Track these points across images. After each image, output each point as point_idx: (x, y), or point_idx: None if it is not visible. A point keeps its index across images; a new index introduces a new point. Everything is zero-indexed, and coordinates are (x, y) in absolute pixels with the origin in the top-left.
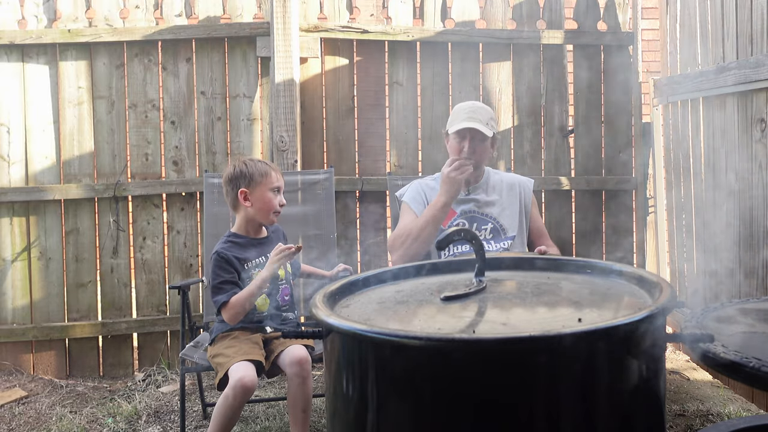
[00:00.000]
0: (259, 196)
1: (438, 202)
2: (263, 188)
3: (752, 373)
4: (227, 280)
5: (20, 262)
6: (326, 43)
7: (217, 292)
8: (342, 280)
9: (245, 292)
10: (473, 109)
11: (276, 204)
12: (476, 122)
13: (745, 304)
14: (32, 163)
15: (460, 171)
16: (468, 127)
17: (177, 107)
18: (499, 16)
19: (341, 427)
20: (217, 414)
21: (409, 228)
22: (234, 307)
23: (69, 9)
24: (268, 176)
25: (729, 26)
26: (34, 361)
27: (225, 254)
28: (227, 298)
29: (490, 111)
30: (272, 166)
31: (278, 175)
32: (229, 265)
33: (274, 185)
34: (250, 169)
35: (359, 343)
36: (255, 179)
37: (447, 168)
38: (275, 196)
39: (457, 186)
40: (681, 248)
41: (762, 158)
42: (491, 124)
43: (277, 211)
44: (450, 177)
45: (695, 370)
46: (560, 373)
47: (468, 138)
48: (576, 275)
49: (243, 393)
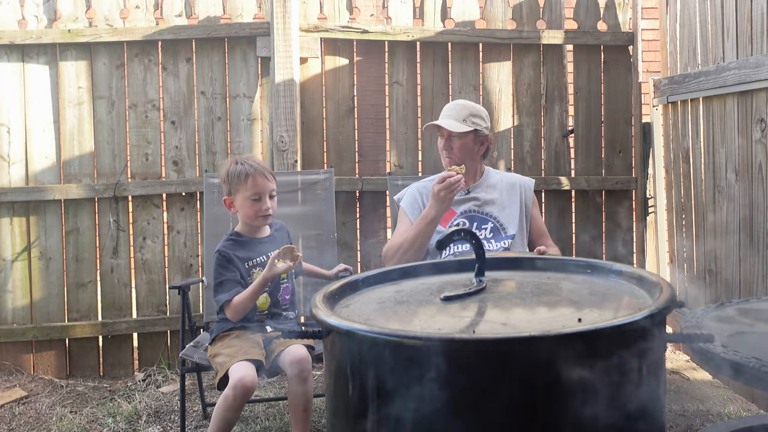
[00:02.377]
0: (240, 203)
1: (428, 216)
2: (241, 196)
3: (752, 373)
4: (229, 279)
5: (20, 262)
6: (326, 43)
7: (220, 290)
8: (342, 280)
9: (248, 292)
10: (452, 107)
11: (254, 212)
12: (447, 119)
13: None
14: (32, 163)
15: (449, 190)
16: (433, 123)
17: (177, 107)
18: (499, 16)
19: (341, 427)
20: (218, 414)
21: (401, 240)
22: (236, 306)
23: (69, 9)
24: (244, 184)
25: (729, 26)
26: (34, 361)
27: (226, 253)
28: (230, 297)
29: (473, 107)
30: (257, 169)
31: (261, 179)
32: (231, 263)
33: (251, 192)
34: (230, 177)
35: (359, 343)
36: (233, 187)
37: (437, 185)
38: (254, 203)
39: (447, 204)
40: (681, 248)
41: (762, 158)
42: (472, 120)
43: (263, 216)
44: (440, 196)
45: (695, 370)
46: (560, 373)
47: (444, 137)
48: (576, 275)
49: (243, 393)
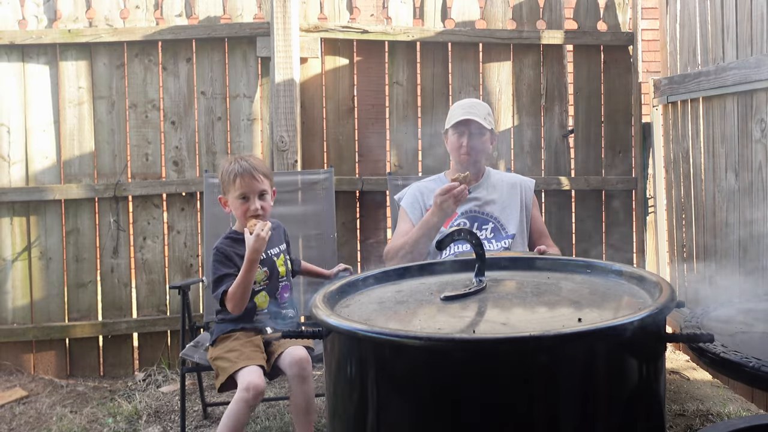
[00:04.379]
0: (231, 203)
1: (429, 222)
2: (231, 196)
3: (752, 373)
4: (227, 274)
5: (21, 262)
6: (326, 43)
7: (218, 285)
8: (342, 280)
9: (238, 278)
10: (471, 104)
11: (243, 211)
12: (474, 116)
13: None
14: (32, 163)
15: (453, 201)
16: (466, 119)
17: (177, 107)
18: (499, 16)
19: (341, 427)
20: (229, 419)
21: (402, 242)
22: (233, 295)
23: (69, 9)
24: (233, 184)
25: (729, 26)
26: (35, 361)
27: (224, 249)
28: (226, 288)
29: (487, 107)
30: (246, 169)
31: (248, 179)
32: (229, 260)
33: (238, 192)
34: (223, 176)
35: (359, 343)
36: (225, 186)
37: (440, 196)
38: (244, 203)
39: (449, 213)
40: (681, 248)
41: (762, 158)
42: (489, 119)
43: (253, 216)
44: (442, 207)
45: (695, 370)
46: (560, 372)
47: (467, 133)
48: (576, 275)
49: (255, 398)
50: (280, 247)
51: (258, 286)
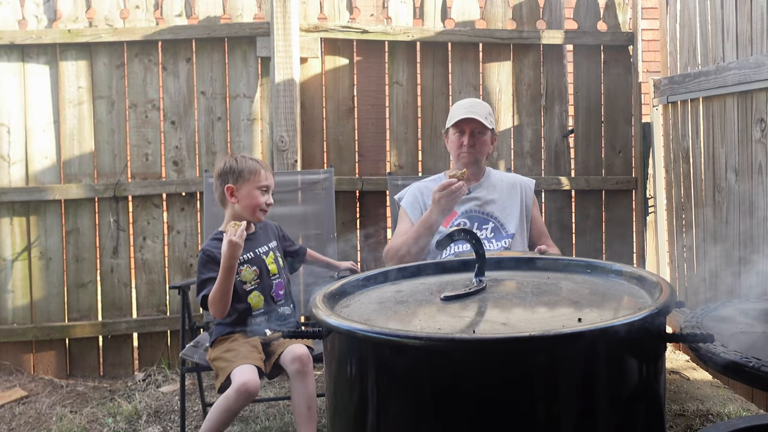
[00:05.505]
0: (246, 193)
1: (428, 221)
2: (251, 185)
3: (752, 373)
4: (211, 278)
5: (20, 262)
6: (326, 43)
7: (200, 289)
8: (342, 279)
9: (216, 284)
10: (472, 104)
11: (262, 202)
12: (475, 115)
13: (745, 304)
14: (32, 163)
15: (450, 198)
16: (466, 117)
17: (177, 107)
18: (499, 16)
19: (341, 427)
20: (216, 412)
21: (401, 241)
22: (212, 299)
23: (69, 9)
24: (257, 174)
25: (729, 26)
26: (35, 361)
27: (211, 252)
28: (207, 292)
29: (488, 107)
30: (263, 164)
31: (268, 174)
32: (215, 263)
33: (262, 184)
34: (240, 166)
35: (359, 343)
36: (243, 176)
37: (438, 193)
38: (262, 194)
39: (447, 211)
40: (681, 248)
41: (762, 158)
42: (490, 119)
43: (264, 210)
44: (441, 204)
45: (695, 370)
46: (560, 372)
47: (467, 132)
48: (576, 275)
49: (246, 397)
50: (270, 245)
51: (250, 286)
